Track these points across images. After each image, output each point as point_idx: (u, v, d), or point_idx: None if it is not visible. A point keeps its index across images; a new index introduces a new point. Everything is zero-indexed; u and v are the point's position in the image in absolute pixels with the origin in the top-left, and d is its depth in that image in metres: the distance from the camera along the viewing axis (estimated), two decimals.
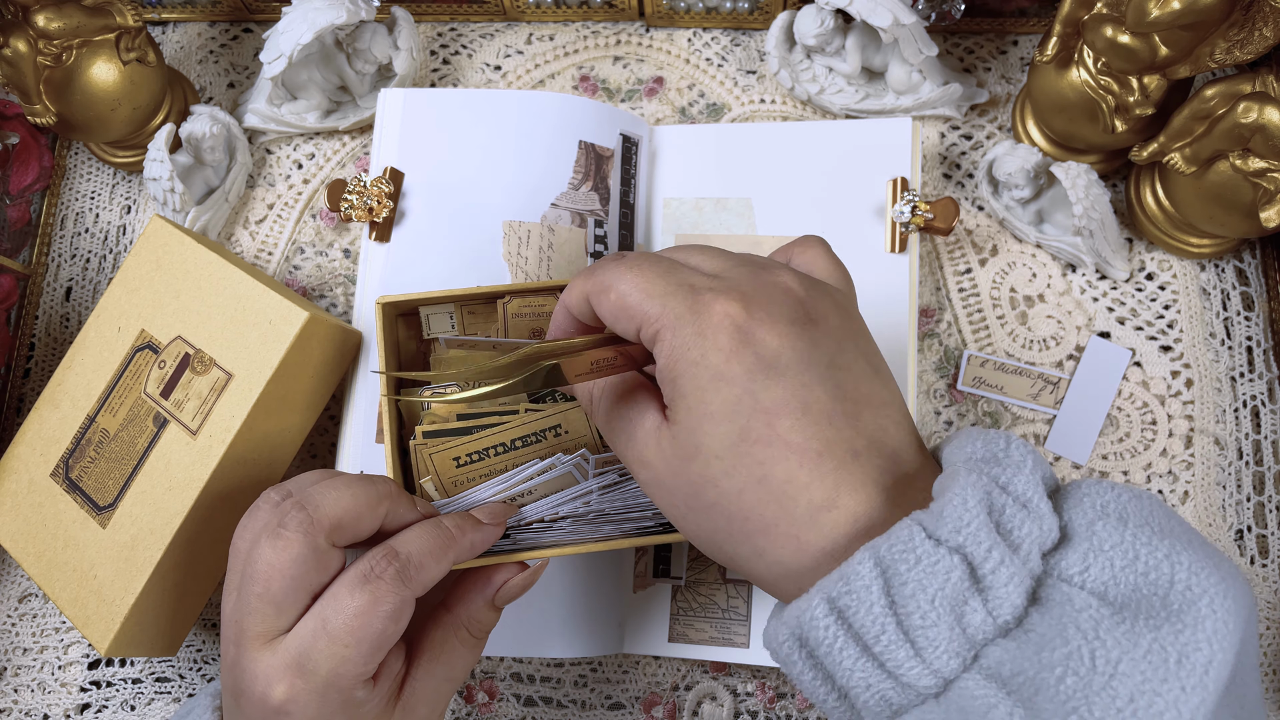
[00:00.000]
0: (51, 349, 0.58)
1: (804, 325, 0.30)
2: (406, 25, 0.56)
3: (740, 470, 0.29)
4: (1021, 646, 0.25)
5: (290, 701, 0.33)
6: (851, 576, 0.26)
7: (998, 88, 0.57)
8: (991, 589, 0.26)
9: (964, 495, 0.26)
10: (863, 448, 0.29)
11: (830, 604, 0.26)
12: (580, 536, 0.40)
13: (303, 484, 0.37)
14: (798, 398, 0.29)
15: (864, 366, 0.31)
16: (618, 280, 0.32)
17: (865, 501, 0.29)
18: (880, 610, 0.26)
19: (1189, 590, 0.25)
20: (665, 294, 0.31)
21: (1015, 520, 0.26)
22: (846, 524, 0.28)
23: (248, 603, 0.34)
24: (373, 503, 0.36)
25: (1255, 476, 0.51)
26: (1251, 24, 0.42)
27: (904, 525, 0.26)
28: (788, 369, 0.29)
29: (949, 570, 0.25)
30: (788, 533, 0.29)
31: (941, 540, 0.26)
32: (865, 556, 0.26)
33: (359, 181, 0.50)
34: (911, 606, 0.25)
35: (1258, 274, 0.53)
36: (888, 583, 0.26)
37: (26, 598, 0.54)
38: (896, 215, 0.49)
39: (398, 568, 0.34)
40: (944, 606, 0.25)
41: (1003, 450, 0.28)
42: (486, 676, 0.51)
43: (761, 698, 0.49)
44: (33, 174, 0.58)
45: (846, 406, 0.30)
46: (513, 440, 0.40)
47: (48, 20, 0.50)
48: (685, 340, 0.30)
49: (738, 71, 0.59)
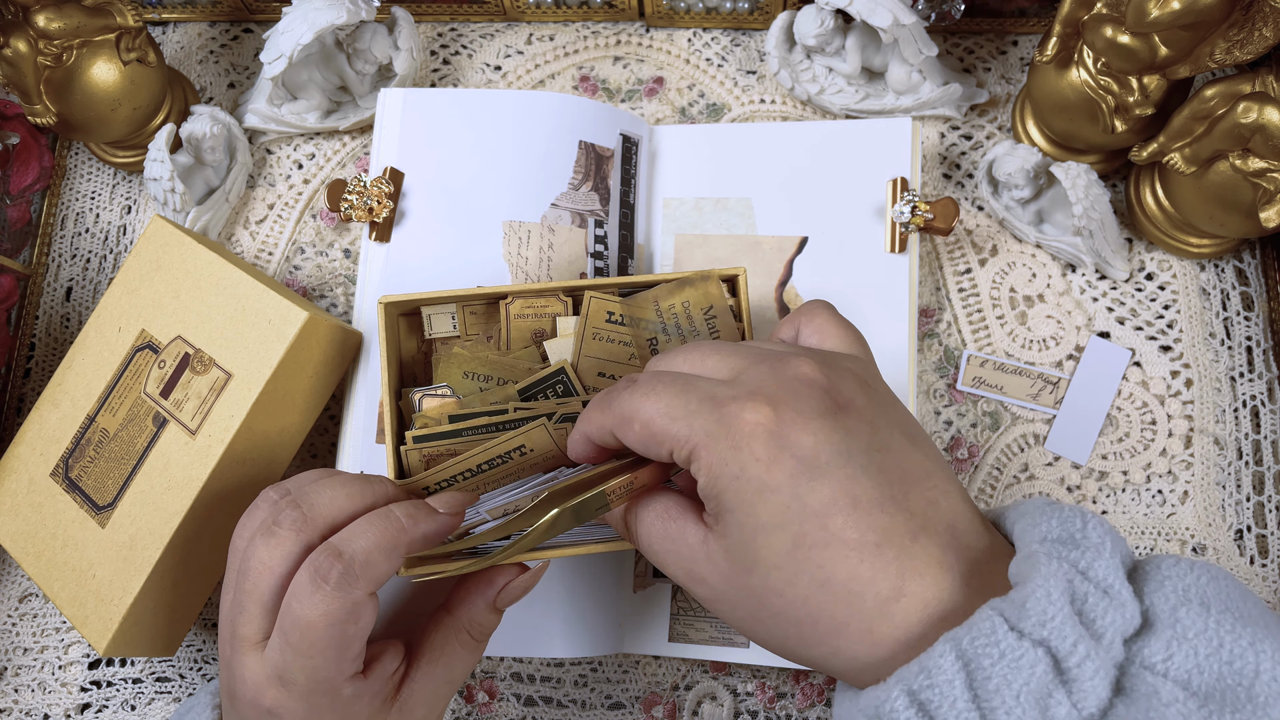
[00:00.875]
0: (52, 349, 0.58)
1: (834, 415, 0.30)
2: (406, 25, 0.56)
3: (801, 577, 0.29)
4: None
5: (280, 707, 0.33)
6: (933, 670, 0.26)
7: (998, 88, 0.57)
8: (1077, 682, 0.25)
9: (1047, 586, 0.26)
10: (919, 529, 0.29)
11: (911, 696, 0.26)
12: (581, 538, 0.40)
13: (302, 483, 0.36)
14: (845, 492, 0.29)
15: (900, 440, 0.31)
16: (638, 409, 0.31)
17: (933, 585, 0.28)
18: (964, 705, 0.25)
19: (1275, 681, 0.25)
20: (689, 413, 0.30)
21: (1098, 609, 0.26)
22: (918, 611, 0.28)
23: (240, 602, 0.34)
24: (369, 502, 0.36)
25: (1255, 476, 0.51)
26: (1251, 24, 0.42)
27: (984, 616, 0.26)
28: (829, 466, 0.29)
29: (1034, 664, 0.25)
30: (860, 629, 0.28)
31: (1025, 633, 0.25)
32: (947, 649, 0.26)
33: (359, 182, 0.50)
34: (996, 701, 0.25)
35: (1257, 274, 0.53)
36: (970, 676, 0.25)
37: (26, 597, 0.54)
38: (896, 215, 0.49)
39: (341, 569, 0.33)
40: (1029, 701, 0.25)
41: (1079, 530, 0.28)
42: (486, 676, 0.51)
43: (761, 698, 0.49)
44: (33, 174, 0.58)
45: (894, 490, 0.29)
46: (479, 465, 0.40)
47: (48, 20, 0.50)
48: (722, 456, 0.30)
49: (738, 71, 0.59)
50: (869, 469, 0.29)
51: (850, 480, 0.29)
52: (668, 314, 0.44)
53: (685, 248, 0.53)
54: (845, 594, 0.28)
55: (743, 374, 0.32)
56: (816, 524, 0.29)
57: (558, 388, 0.43)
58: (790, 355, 0.32)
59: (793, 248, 0.51)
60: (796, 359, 0.32)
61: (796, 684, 0.49)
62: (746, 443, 0.29)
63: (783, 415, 0.29)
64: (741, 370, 0.32)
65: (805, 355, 0.32)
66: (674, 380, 0.32)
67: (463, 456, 0.40)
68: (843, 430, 0.30)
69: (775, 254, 0.51)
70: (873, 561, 0.28)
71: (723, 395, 0.31)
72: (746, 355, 0.33)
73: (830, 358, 0.33)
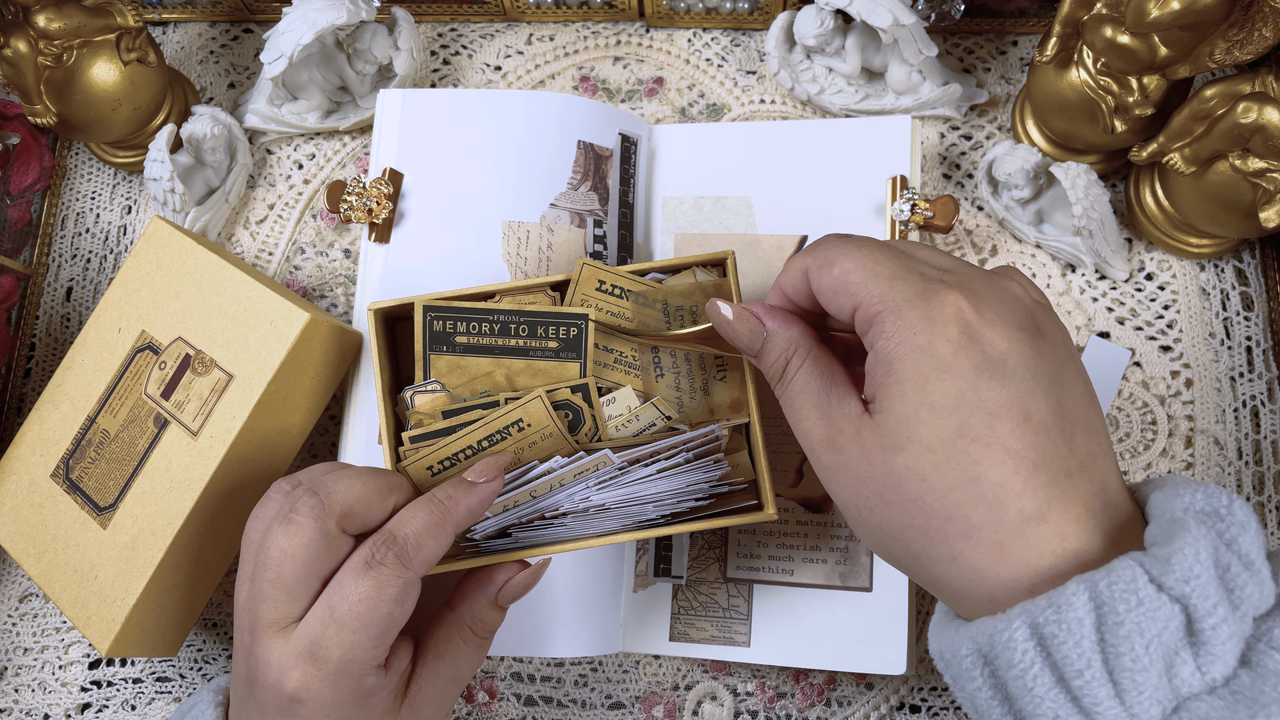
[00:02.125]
0: (52, 349, 0.58)
1: (1032, 335, 0.30)
2: (407, 25, 0.56)
3: (953, 466, 0.28)
4: (1230, 708, 0.25)
5: (303, 689, 0.33)
6: (1064, 606, 0.26)
7: (997, 88, 0.57)
8: (1208, 645, 0.25)
9: (1196, 546, 0.26)
10: (1075, 469, 0.29)
11: (1033, 629, 0.26)
12: (581, 532, 0.40)
13: (314, 474, 0.37)
14: (1021, 403, 0.29)
15: (1083, 389, 0.31)
16: (843, 256, 0.31)
17: (1075, 523, 0.28)
18: (1089, 645, 0.25)
19: None
20: (893, 276, 0.30)
21: (1240, 580, 0.26)
22: (1054, 540, 0.28)
23: (261, 590, 0.34)
24: (383, 492, 0.37)
25: (1255, 476, 0.51)
26: (1251, 24, 0.42)
27: (1125, 564, 0.26)
28: (1014, 373, 0.29)
29: (1169, 618, 0.25)
30: (992, 539, 0.28)
31: (1166, 587, 0.25)
32: (1081, 589, 0.26)
33: (358, 183, 0.50)
34: (1124, 648, 0.25)
35: (1257, 274, 0.53)
36: (1101, 619, 0.25)
37: (27, 597, 0.54)
38: (896, 213, 0.49)
39: (397, 551, 0.34)
40: (1157, 654, 0.25)
41: (1225, 507, 0.28)
42: (487, 676, 0.51)
43: (761, 697, 0.49)
44: (33, 174, 0.58)
45: (1064, 424, 0.29)
46: (479, 441, 0.40)
47: (48, 20, 0.50)
48: (911, 325, 0.29)
49: (738, 72, 0.59)
50: (1049, 394, 0.29)
51: (1029, 395, 0.29)
52: (671, 297, 0.43)
53: (685, 247, 0.53)
54: (991, 498, 0.28)
55: (956, 269, 0.32)
56: (985, 420, 0.28)
57: (568, 331, 0.42)
58: (1009, 274, 0.32)
59: (792, 247, 0.51)
60: (1009, 278, 0.32)
61: (796, 684, 0.50)
62: (942, 322, 0.29)
63: (984, 313, 0.29)
64: (955, 268, 0.32)
65: (1021, 281, 0.32)
66: (887, 247, 0.32)
67: (462, 433, 0.40)
68: (1035, 350, 0.30)
69: (775, 253, 0.51)
70: (1027, 477, 0.28)
71: (932, 275, 0.31)
72: (961, 261, 0.33)
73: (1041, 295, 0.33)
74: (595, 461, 0.39)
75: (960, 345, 0.29)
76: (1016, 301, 0.31)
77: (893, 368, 0.30)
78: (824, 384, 0.33)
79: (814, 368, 0.33)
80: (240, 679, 0.36)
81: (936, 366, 0.29)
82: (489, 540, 0.40)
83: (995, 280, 0.31)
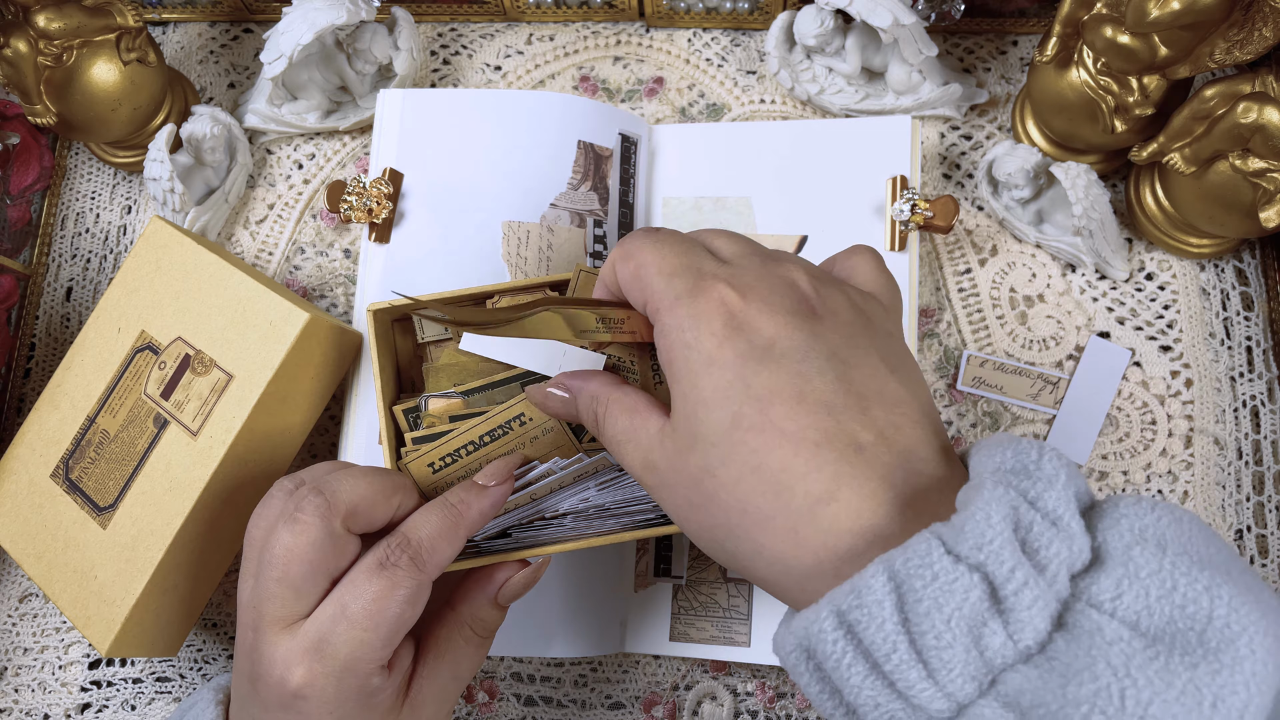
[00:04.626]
0: (52, 349, 0.58)
1: (805, 317, 0.30)
2: (407, 25, 0.56)
3: (735, 458, 0.28)
4: (1045, 676, 0.24)
5: (308, 685, 0.33)
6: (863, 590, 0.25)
7: (997, 88, 0.57)
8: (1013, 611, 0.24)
9: (987, 510, 0.25)
10: (869, 442, 0.28)
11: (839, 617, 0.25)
12: (581, 532, 0.40)
13: (317, 473, 0.37)
14: (793, 386, 0.28)
15: (876, 363, 0.30)
16: (640, 250, 0.32)
17: (869, 499, 0.27)
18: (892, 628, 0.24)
19: (1228, 627, 0.23)
20: (674, 273, 0.31)
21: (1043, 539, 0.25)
22: (848, 519, 0.27)
23: (266, 587, 0.34)
24: (387, 492, 0.37)
25: (1255, 476, 0.51)
26: (1251, 24, 0.42)
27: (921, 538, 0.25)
28: (784, 356, 0.29)
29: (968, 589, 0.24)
30: (785, 526, 0.28)
31: (961, 557, 0.24)
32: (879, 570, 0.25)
33: (358, 183, 0.50)
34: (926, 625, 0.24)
35: (1257, 274, 0.53)
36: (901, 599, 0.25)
37: (27, 597, 0.54)
38: (896, 213, 0.49)
39: (411, 554, 0.35)
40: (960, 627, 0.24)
41: (1034, 462, 0.27)
42: (487, 676, 0.51)
43: (761, 697, 0.49)
44: (33, 174, 0.58)
45: (849, 400, 0.29)
46: (481, 437, 0.40)
47: (48, 20, 0.50)
48: (680, 322, 0.30)
49: (738, 72, 0.59)
50: (825, 373, 0.29)
51: (801, 377, 0.29)
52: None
53: None
54: (775, 484, 0.28)
55: (738, 260, 0.32)
56: (756, 408, 0.28)
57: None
58: (788, 260, 0.32)
59: (792, 246, 0.51)
60: (791, 264, 0.32)
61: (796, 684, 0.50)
62: (706, 316, 0.29)
63: (750, 302, 0.30)
64: (739, 257, 0.32)
65: (802, 265, 0.32)
66: (681, 242, 0.32)
67: (464, 428, 0.40)
68: (808, 332, 0.29)
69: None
70: (808, 458, 0.28)
71: (708, 270, 0.31)
72: (752, 249, 0.33)
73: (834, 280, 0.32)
74: (595, 464, 0.39)
75: (724, 337, 0.29)
76: (789, 286, 0.31)
77: (671, 368, 0.30)
78: (629, 419, 0.33)
79: (617, 409, 0.34)
80: (243, 676, 0.36)
81: (704, 361, 0.29)
82: (489, 540, 0.40)
83: (773, 268, 0.31)
